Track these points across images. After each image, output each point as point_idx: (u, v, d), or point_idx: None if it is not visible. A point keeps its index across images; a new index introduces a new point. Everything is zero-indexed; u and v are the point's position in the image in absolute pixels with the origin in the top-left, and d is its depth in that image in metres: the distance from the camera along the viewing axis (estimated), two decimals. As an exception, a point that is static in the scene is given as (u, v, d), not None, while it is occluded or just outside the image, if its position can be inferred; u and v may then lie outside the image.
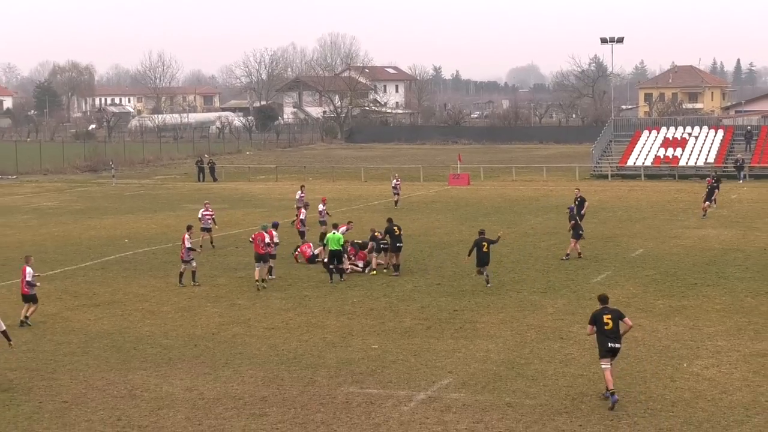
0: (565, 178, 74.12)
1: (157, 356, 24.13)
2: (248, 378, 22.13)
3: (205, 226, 41.15)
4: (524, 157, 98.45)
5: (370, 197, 60.97)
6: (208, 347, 24.94)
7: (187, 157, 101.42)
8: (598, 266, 35.71)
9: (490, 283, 32.09)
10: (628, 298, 29.88)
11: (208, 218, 41.29)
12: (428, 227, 47.26)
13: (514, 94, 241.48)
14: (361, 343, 25.02)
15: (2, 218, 53.81)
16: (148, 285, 33.37)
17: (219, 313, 28.90)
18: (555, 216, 50.65)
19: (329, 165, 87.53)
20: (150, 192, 69.36)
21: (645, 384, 21.16)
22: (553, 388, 20.94)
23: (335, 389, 21.17)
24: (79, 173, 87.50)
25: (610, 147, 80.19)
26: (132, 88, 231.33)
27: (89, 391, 21.42)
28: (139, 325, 27.62)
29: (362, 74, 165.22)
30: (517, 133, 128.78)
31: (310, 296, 31.18)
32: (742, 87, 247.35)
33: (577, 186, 56.84)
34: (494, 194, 63.25)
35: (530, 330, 26.07)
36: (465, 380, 21.66)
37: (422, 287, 32.27)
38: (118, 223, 51.21)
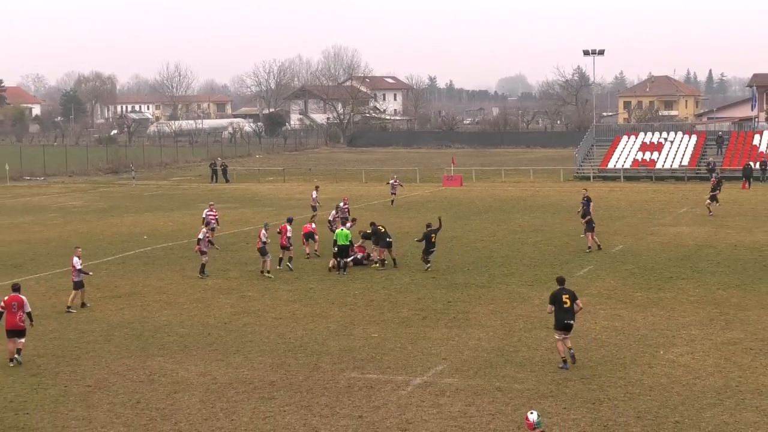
0: (551, 180, 74.08)
1: (174, 344, 24.10)
2: (258, 364, 22.09)
3: (213, 226, 40.74)
4: (513, 160, 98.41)
5: (371, 197, 60.93)
6: (221, 335, 24.90)
7: (201, 160, 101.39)
8: (581, 261, 35.66)
9: (431, 266, 33.73)
10: (609, 291, 29.84)
11: (212, 218, 40.90)
12: (424, 225, 47.12)
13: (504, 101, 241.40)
14: (362, 332, 24.99)
15: (31, 216, 53.76)
16: (165, 278, 33.32)
17: (231, 304, 28.86)
18: (541, 215, 50.63)
19: (332, 167, 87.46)
20: (167, 192, 69.30)
21: (624, 370, 21.12)
22: (539, 374, 20.90)
23: (338, 374, 21.13)
24: (101, 175, 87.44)
25: (592, 151, 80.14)
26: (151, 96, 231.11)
27: (111, 376, 21.38)
28: (157, 315, 27.58)
29: (363, 83, 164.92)
30: (506, 138, 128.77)
31: (315, 288, 31.13)
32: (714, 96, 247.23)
33: (584, 186, 56.17)
34: (485, 194, 63.21)
35: (518, 320, 26.03)
36: (458, 366, 21.62)
37: (419, 280, 32.23)
38: (138, 221, 51.16)
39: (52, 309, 28.38)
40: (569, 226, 45.90)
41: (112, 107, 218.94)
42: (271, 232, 34.58)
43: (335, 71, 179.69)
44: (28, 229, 48.04)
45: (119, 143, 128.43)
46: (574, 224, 46.43)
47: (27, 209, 57.88)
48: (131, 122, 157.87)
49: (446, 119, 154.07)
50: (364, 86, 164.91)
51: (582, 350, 22.63)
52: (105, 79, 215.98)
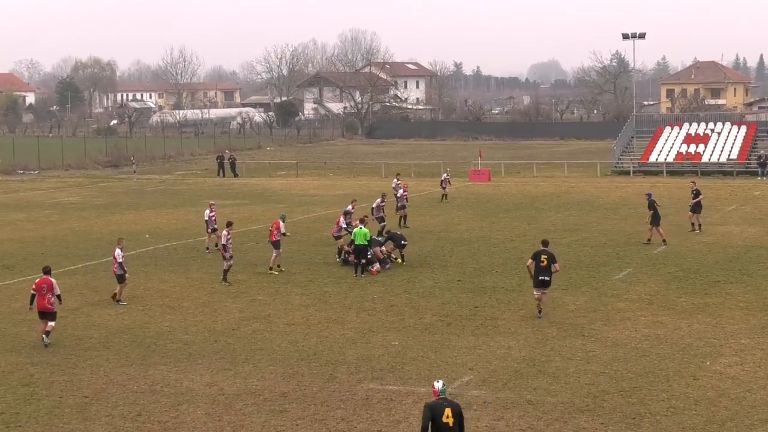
0: (586, 175, 73.85)
1: (178, 351, 24.15)
2: (268, 374, 22.11)
3: (214, 227, 40.13)
4: (545, 153, 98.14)
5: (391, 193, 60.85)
6: (228, 343, 24.94)
7: (207, 153, 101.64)
8: (620, 263, 35.53)
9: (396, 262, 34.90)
10: (650, 296, 29.71)
11: (214, 219, 40.16)
12: (449, 223, 47.17)
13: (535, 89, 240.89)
14: (382, 339, 24.97)
15: (24, 213, 54.03)
16: (168, 280, 33.41)
17: (239, 309, 28.91)
18: (576, 212, 50.47)
19: (349, 161, 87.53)
20: (171, 187, 69.53)
21: (668, 382, 21.02)
22: (574, 386, 20.83)
23: (355, 386, 21.12)
24: (100, 168, 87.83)
25: (631, 143, 79.84)
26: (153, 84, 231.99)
27: (110, 386, 21.45)
28: (159, 320, 27.66)
29: (383, 70, 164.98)
30: (538, 129, 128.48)
31: (331, 292, 31.15)
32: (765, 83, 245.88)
33: (692, 180, 55.42)
34: (515, 190, 63.09)
35: (551, 327, 25.96)
36: (485, 377, 21.57)
37: (443, 284, 32.19)
38: (139, 218, 51.33)
39: (46, 313, 28.48)
40: (606, 224, 45.75)
41: (111, 95, 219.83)
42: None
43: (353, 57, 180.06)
44: (21, 227, 48.30)
45: (119, 134, 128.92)
46: (612, 222, 46.30)
47: (20, 206, 58.20)
48: (132, 112, 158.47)
49: (473, 109, 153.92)
50: (384, 73, 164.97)
51: (621, 360, 22.56)
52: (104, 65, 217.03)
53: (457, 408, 15.12)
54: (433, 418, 14.92)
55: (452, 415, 14.96)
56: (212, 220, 39.96)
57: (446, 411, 14.98)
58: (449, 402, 15.20)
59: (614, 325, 26.16)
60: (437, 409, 14.95)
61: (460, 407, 15.24)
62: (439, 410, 14.95)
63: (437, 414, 14.90)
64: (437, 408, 14.97)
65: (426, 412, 14.98)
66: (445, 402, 15.14)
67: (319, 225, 47.07)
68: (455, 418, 15.00)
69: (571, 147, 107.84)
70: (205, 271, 35.21)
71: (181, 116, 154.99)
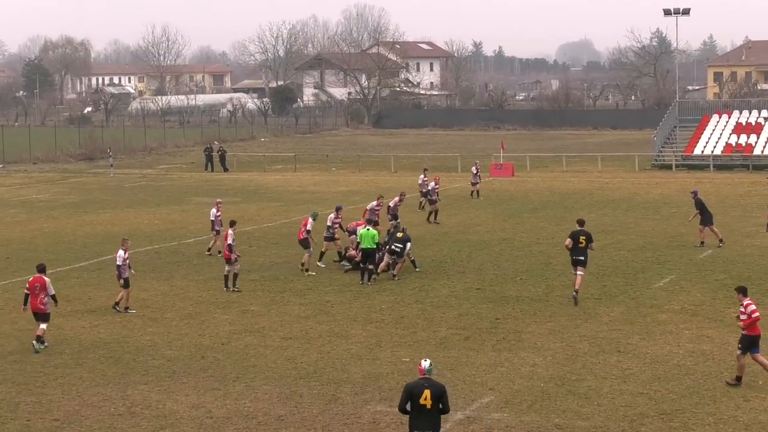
0: (623, 169, 73.76)
1: (160, 369, 24.18)
2: (262, 394, 22.13)
3: (219, 229, 39.71)
4: (576, 144, 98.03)
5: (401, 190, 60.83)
6: (217, 359, 24.96)
7: (194, 144, 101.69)
8: (661, 269, 35.49)
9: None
10: (695, 306, 29.67)
11: (220, 220, 39.98)
12: (467, 224, 47.18)
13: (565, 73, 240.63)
14: (391, 355, 24.97)
15: (-13, 212, 54.13)
16: (150, 288, 33.46)
17: (229, 321, 28.94)
18: (611, 212, 50.43)
19: (354, 153, 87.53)
20: (153, 183, 69.63)
21: (715, 404, 21.00)
22: (608, 408, 20.82)
23: (361, 408, 21.13)
24: (73, 162, 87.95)
25: (674, 133, 79.71)
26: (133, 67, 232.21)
27: (83, 408, 21.48)
28: (139, 333, 27.69)
29: (392, 51, 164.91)
30: (569, 118, 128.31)
31: (333, 302, 31.17)
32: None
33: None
34: (542, 187, 63.06)
35: (583, 341, 25.95)
36: (508, 398, 21.57)
37: (460, 292, 32.19)
38: (117, 218, 51.41)
39: (11, 326, 28.58)
40: (645, 225, 45.73)
41: (85, 80, 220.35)
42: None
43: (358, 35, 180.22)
44: (-17, 228, 48.39)
45: (94, 123, 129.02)
46: (652, 223, 46.25)
47: (-18, 204, 58.30)
48: (109, 98, 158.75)
49: (494, 94, 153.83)
50: (394, 54, 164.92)
51: (662, 379, 22.55)
52: (77, 46, 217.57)
53: (438, 390, 16.43)
54: (412, 399, 16.40)
55: (431, 397, 16.33)
56: (218, 220, 39.76)
57: (425, 392, 16.36)
58: (431, 383, 16.49)
59: (654, 339, 26.13)
60: (416, 390, 16.41)
61: (442, 389, 16.51)
62: (418, 391, 16.38)
63: (415, 395, 16.38)
64: (416, 389, 16.42)
65: (403, 394, 16.53)
66: (426, 383, 16.48)
67: (320, 226, 47.04)
68: (434, 401, 16.35)
69: (606, 138, 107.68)
70: (191, 278, 35.27)
71: (164, 103, 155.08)
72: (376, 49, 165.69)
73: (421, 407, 16.37)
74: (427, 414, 16.38)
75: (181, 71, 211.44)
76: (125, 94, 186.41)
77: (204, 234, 44.76)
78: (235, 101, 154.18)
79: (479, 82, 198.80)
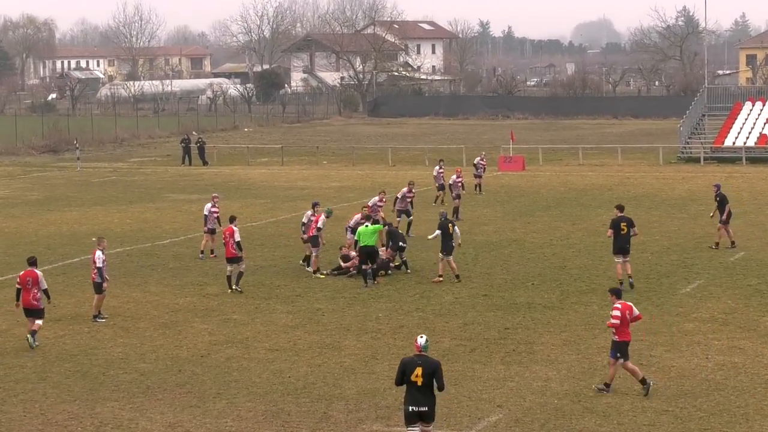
0: (646, 162, 73.79)
1: (132, 384, 24.17)
2: (246, 412, 22.14)
3: (212, 227, 39.51)
4: (594, 135, 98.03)
5: (400, 185, 60.78)
6: (196, 373, 24.96)
7: (170, 135, 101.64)
8: (688, 273, 35.51)
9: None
10: (726, 314, 29.69)
11: (216, 216, 39.55)
12: (473, 223, 47.17)
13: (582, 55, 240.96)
14: (388, 369, 24.97)
15: (-60, 211, 54.10)
16: (121, 295, 33.44)
17: (209, 331, 28.93)
18: (633, 210, 50.36)
19: (348, 145, 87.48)
20: (124, 178, 69.58)
21: (747, 423, 21.03)
22: (629, 427, 20.84)
23: (355, 426, 21.15)
24: (35, 154, 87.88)
25: (702, 123, 79.71)
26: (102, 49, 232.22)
27: (47, 427, 21.47)
28: (109, 345, 27.68)
29: (390, 31, 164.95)
30: (585, 105, 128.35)
31: (324, 310, 31.17)
32: None
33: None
34: (556, 182, 63.06)
35: (601, 353, 25.95)
36: (518, 416, 21.59)
37: (465, 299, 32.20)
38: (84, 217, 51.37)
39: (-32, 336, 28.57)
40: (670, 225, 45.77)
41: (49, 63, 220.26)
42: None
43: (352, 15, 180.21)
44: (-64, 227, 48.36)
45: (59, 112, 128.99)
46: (678, 222, 46.29)
47: (-65, 201, 58.26)
48: (75, 83, 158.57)
49: (503, 79, 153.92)
50: (392, 35, 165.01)
51: (688, 395, 22.56)
52: (40, 25, 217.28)
53: (431, 367, 18.41)
54: (405, 374, 18.44)
55: (422, 374, 18.29)
56: (213, 217, 39.42)
57: (417, 369, 18.34)
58: (424, 360, 18.49)
59: (680, 351, 26.14)
60: (409, 366, 18.45)
61: (435, 366, 18.46)
62: (411, 367, 18.40)
63: (408, 371, 18.41)
64: (410, 365, 18.47)
65: (399, 367, 18.62)
66: (420, 360, 18.50)
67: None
68: (425, 378, 18.29)
69: (627, 127, 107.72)
70: (166, 283, 35.26)
71: (137, 89, 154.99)
72: (372, 29, 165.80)
73: (413, 383, 18.33)
74: (419, 390, 18.31)
75: (155, 54, 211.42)
76: (93, 80, 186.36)
77: (181, 234, 44.83)
78: (216, 87, 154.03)
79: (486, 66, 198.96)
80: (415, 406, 18.34)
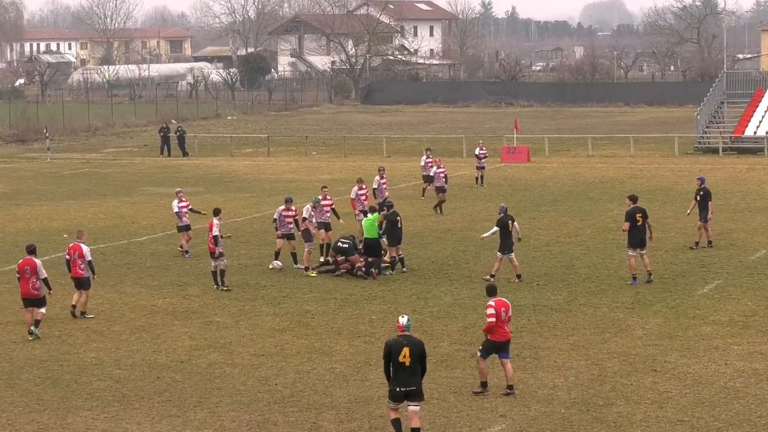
0: (660, 153, 73.80)
1: (107, 392, 24.17)
2: (229, 422, 22.15)
3: (184, 224, 39.75)
4: (604, 124, 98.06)
5: (395, 178, 60.88)
6: (175, 380, 24.96)
7: (147, 124, 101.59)
8: (705, 272, 35.52)
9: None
10: (746, 317, 29.71)
11: (185, 211, 39.84)
12: (473, 219, 47.17)
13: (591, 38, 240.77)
14: (382, 376, 24.91)
15: None
16: (95, 296, 33.39)
17: (190, 335, 28.93)
18: (647, 204, 50.19)
19: (339, 134, 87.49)
20: (97, 170, 69.52)
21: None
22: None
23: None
24: (2, 144, 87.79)
25: (721, 111, 79.73)
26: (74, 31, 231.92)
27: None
28: (82, 349, 27.67)
29: (384, 11, 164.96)
30: (595, 92, 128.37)
31: (314, 312, 31.17)
32: None
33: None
34: (563, 174, 63.08)
35: (612, 359, 25.98)
36: (523, 427, 21.61)
37: (465, 300, 32.21)
38: (55, 212, 51.33)
39: (-71, 340, 28.55)
40: (687, 221, 45.71)
41: (17, 46, 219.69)
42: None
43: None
44: None
45: (28, 98, 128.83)
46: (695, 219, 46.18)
47: None
48: (45, 68, 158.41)
49: (507, 64, 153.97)
50: (387, 15, 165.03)
51: (706, 404, 22.58)
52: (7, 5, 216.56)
53: (417, 348, 19.97)
54: (391, 355, 19.88)
55: (410, 354, 19.75)
56: (183, 213, 39.60)
57: (404, 350, 19.80)
58: (410, 340, 20.03)
59: (697, 356, 26.17)
60: (395, 348, 19.89)
61: (422, 346, 20.08)
62: (397, 348, 19.86)
63: (395, 352, 19.84)
64: (396, 346, 19.91)
65: (385, 349, 20.07)
66: (405, 340, 19.98)
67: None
68: (413, 358, 19.76)
69: (640, 116, 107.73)
70: (143, 283, 35.25)
71: (112, 74, 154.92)
72: (366, 9, 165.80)
73: (401, 364, 19.80)
74: (406, 371, 19.80)
75: (131, 36, 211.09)
76: (65, 64, 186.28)
77: (159, 231, 44.85)
78: (197, 72, 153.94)
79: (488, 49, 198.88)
80: (403, 386, 19.85)
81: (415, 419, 20.22)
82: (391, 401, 20.25)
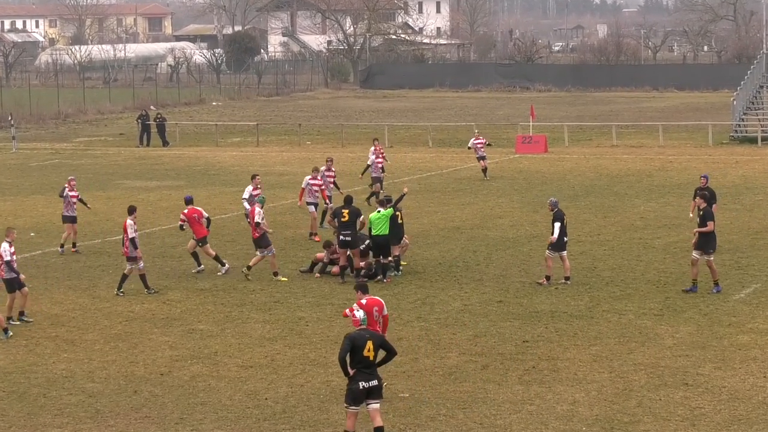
0: (692, 143, 73.77)
1: (78, 407, 24.18)
2: (214, 441, 22.17)
3: (73, 214, 41.05)
4: (630, 110, 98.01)
5: (398, 170, 60.88)
6: (155, 394, 24.97)
7: (123, 110, 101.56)
8: (742, 276, 35.51)
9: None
10: (787, 325, 29.73)
11: (74, 202, 40.81)
12: (485, 216, 47.18)
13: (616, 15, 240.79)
14: (384, 389, 24.98)
15: None
16: (65, 301, 33.43)
17: (171, 344, 28.93)
18: (677, 200, 50.47)
19: (336, 122, 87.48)
20: (68, 162, 69.52)
21: (812, 454, 21.08)
22: (672, 460, 20.89)
23: (344, 459, 21.19)
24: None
25: (759, 96, 79.71)
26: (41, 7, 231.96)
27: (-23, 459, 21.50)
28: (51, 360, 27.67)
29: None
30: (620, 75, 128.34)
31: (307, 319, 31.16)
32: None
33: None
34: (584, 167, 63.06)
35: (638, 371, 25.99)
36: (540, 446, 21.63)
37: (475, 306, 32.22)
38: (21, 207, 51.33)
39: None
40: (721, 218, 45.62)
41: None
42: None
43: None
44: None
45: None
46: (730, 215, 46.26)
47: None
48: (10, 48, 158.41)
49: (522, 44, 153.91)
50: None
51: (743, 421, 22.58)
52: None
53: (379, 340, 20.86)
54: (353, 350, 20.39)
55: (373, 348, 20.50)
56: (71, 203, 40.67)
57: (368, 344, 20.45)
58: (371, 334, 20.86)
59: (733, 368, 26.15)
60: (359, 341, 20.45)
61: (382, 338, 21.21)
62: (361, 342, 20.44)
63: (358, 346, 20.41)
64: (359, 340, 20.48)
65: (345, 343, 20.44)
66: (368, 334, 20.72)
67: (290, 218, 47.12)
68: (376, 352, 20.52)
69: (670, 101, 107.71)
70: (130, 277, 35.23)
71: (84, 55, 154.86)
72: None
73: (364, 359, 20.45)
74: (369, 366, 20.50)
75: (105, 13, 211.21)
76: (31, 43, 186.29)
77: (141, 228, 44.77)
78: (178, 53, 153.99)
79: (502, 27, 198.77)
80: (366, 381, 20.43)
81: (377, 418, 20.74)
82: (351, 404, 20.61)
